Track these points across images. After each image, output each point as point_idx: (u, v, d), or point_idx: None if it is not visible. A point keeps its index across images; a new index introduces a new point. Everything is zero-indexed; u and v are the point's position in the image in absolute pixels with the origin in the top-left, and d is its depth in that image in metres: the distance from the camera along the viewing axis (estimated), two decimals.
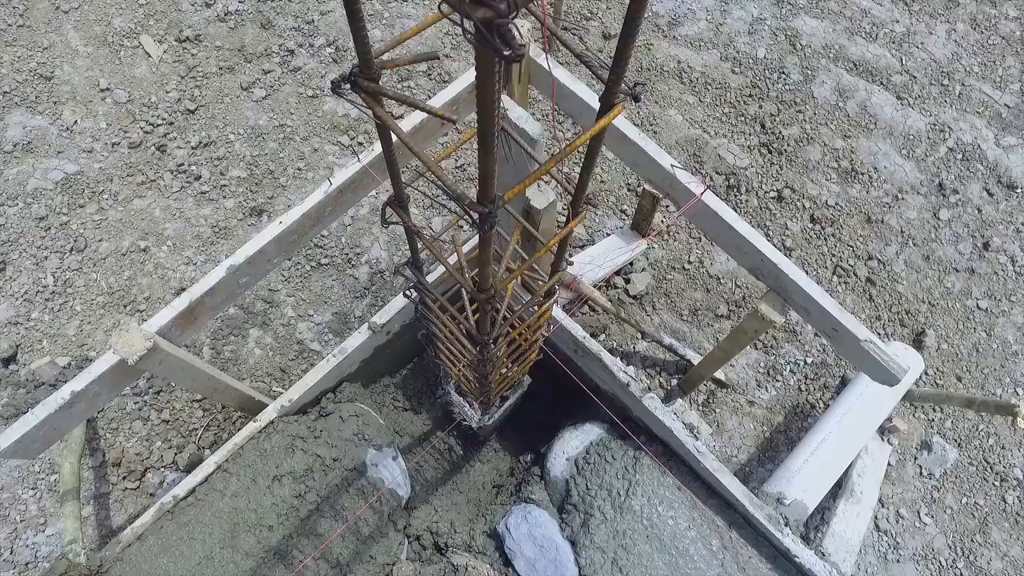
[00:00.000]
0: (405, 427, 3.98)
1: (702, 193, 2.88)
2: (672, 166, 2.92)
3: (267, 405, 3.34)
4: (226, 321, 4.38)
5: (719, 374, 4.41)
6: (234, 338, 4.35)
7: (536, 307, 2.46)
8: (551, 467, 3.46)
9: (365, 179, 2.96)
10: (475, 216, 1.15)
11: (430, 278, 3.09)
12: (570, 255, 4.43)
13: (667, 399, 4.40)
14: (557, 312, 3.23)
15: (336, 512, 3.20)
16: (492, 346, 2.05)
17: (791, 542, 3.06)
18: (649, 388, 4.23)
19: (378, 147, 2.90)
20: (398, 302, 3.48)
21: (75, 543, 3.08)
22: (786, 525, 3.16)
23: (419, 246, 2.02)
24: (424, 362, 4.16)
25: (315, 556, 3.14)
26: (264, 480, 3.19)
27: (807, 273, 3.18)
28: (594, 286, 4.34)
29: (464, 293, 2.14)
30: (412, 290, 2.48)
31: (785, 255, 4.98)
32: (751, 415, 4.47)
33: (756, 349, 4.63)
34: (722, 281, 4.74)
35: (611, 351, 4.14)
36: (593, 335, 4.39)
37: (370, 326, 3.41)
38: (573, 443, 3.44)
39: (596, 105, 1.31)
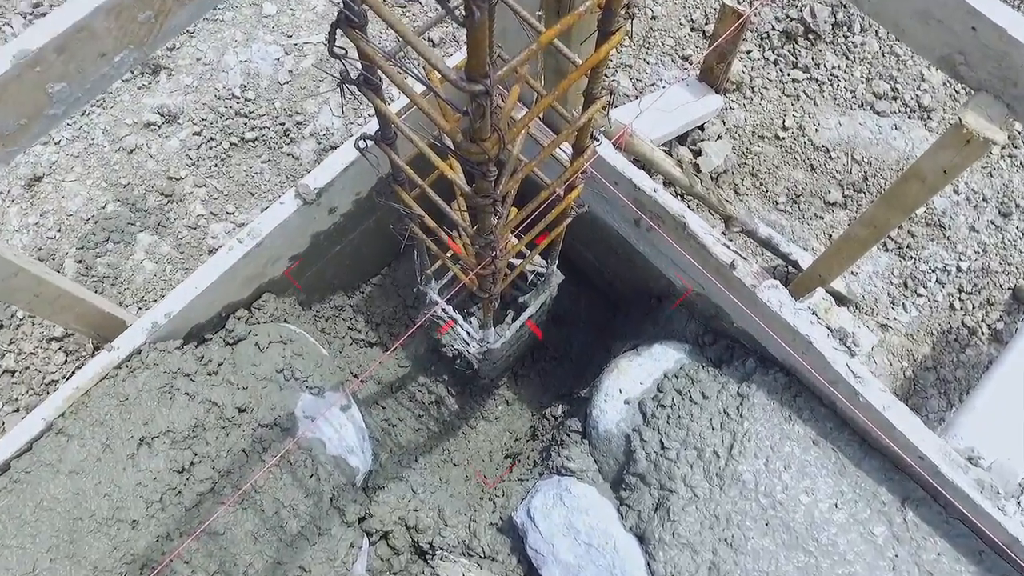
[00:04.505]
0: (368, 369, 2.91)
1: None
2: None
3: (127, 325, 2.26)
4: (100, 222, 3.29)
5: (838, 284, 3.31)
6: (113, 246, 3.27)
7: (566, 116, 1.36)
8: (600, 417, 2.38)
9: None
10: None
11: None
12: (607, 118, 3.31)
13: None
14: (603, 148, 2.12)
15: (245, 495, 2.15)
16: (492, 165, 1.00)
17: (1018, 526, 1.99)
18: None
19: None
20: (344, 155, 2.38)
21: None
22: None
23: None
24: (396, 274, 3.08)
25: (209, 569, 2.08)
26: (125, 446, 2.17)
27: None
28: None
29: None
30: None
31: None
32: (885, 345, 3.39)
33: (886, 250, 3.53)
34: (833, 155, 3.62)
35: None
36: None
37: (299, 191, 2.32)
38: (635, 375, 2.35)
39: None
